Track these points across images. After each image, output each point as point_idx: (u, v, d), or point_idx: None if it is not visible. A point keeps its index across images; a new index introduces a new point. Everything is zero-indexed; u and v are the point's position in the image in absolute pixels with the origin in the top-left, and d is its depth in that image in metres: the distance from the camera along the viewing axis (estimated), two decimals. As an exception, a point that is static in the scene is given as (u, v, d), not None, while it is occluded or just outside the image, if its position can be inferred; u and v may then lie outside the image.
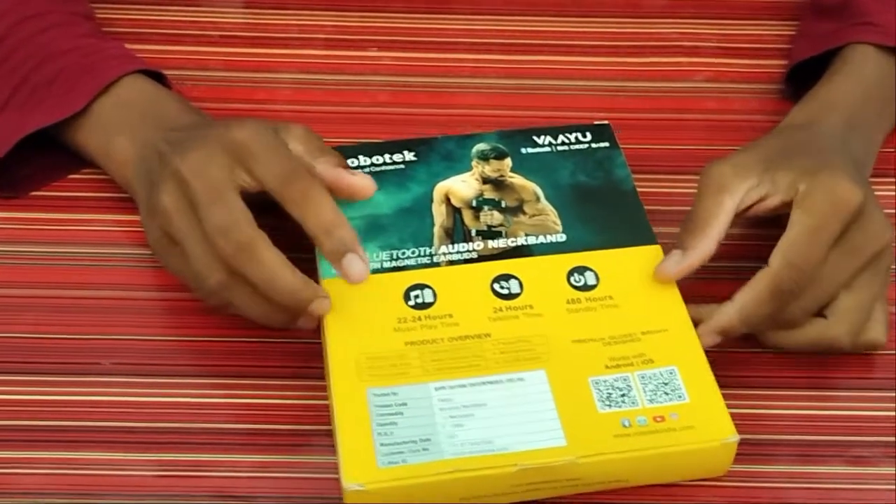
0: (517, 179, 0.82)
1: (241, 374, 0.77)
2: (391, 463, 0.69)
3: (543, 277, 0.77)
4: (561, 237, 0.79)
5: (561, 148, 0.84)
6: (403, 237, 0.79)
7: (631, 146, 0.85)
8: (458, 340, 0.75)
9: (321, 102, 0.93)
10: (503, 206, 0.81)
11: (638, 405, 0.72)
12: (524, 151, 0.83)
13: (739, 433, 0.71)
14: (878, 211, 0.78)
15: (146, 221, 0.78)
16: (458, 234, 0.80)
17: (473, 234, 0.79)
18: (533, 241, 0.79)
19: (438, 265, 0.78)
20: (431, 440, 0.70)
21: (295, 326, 0.76)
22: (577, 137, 0.84)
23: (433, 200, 0.81)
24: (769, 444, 0.75)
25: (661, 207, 0.83)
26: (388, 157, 0.83)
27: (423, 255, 0.78)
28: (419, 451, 0.70)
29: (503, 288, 0.77)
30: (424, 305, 0.76)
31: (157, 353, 0.78)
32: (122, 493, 0.72)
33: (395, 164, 0.82)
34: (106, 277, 0.81)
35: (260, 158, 0.74)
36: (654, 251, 0.79)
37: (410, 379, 0.73)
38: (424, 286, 0.77)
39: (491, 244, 0.79)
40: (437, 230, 0.80)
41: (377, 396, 0.72)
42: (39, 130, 0.83)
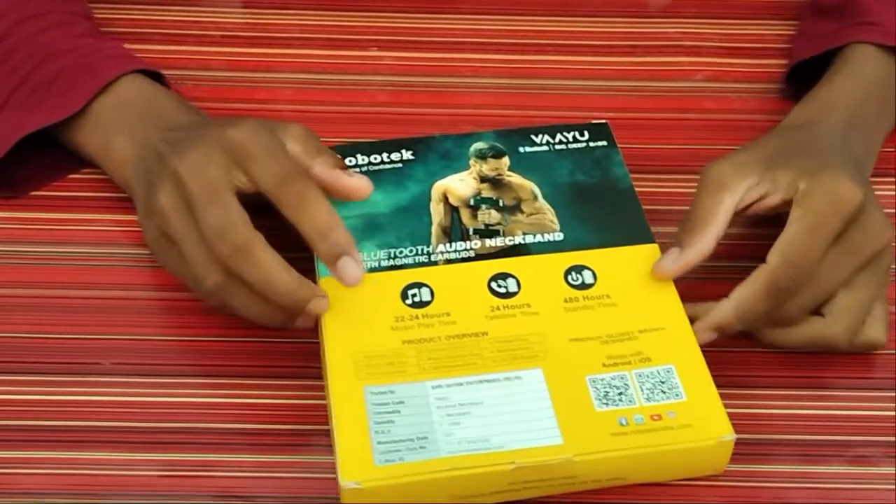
0: (515, 178, 0.82)
1: (241, 374, 0.77)
2: (388, 461, 0.69)
3: (541, 276, 0.77)
4: (558, 236, 0.79)
5: (559, 147, 0.84)
6: (401, 236, 0.79)
7: (631, 145, 0.85)
8: (455, 339, 0.75)
9: (322, 102, 0.93)
10: (501, 204, 0.81)
11: (635, 403, 0.72)
12: (522, 150, 0.83)
13: (739, 433, 0.71)
14: (878, 210, 0.78)
15: (144, 221, 0.78)
16: (455, 232, 0.79)
17: (471, 232, 0.79)
18: (530, 239, 0.79)
19: (436, 264, 0.78)
20: (428, 438, 0.70)
21: (293, 326, 0.76)
22: (574, 136, 0.84)
23: (431, 199, 0.81)
24: (769, 443, 0.75)
25: (660, 207, 0.83)
26: (385, 155, 0.83)
27: (420, 253, 0.78)
28: (416, 449, 0.70)
29: (500, 286, 0.77)
30: (422, 304, 0.76)
31: (157, 353, 0.78)
32: (122, 492, 0.72)
33: (392, 162, 0.82)
34: (106, 277, 0.81)
35: (257, 159, 0.74)
36: (651, 250, 0.78)
37: (407, 377, 0.73)
38: (422, 285, 0.77)
39: (488, 243, 0.79)
40: (434, 229, 0.79)
41: (374, 395, 0.72)
42: (39, 130, 0.83)
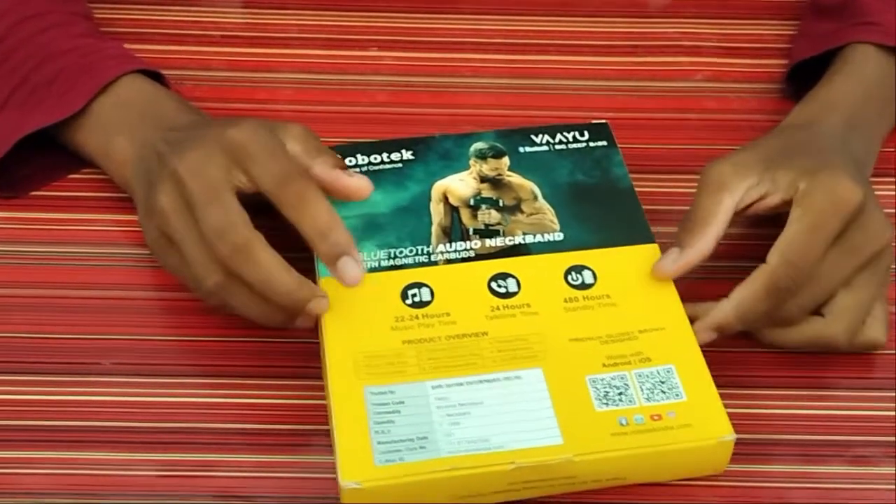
0: (515, 178, 0.82)
1: (241, 374, 0.77)
2: (388, 461, 0.69)
3: (541, 276, 0.77)
4: (558, 236, 0.79)
5: (559, 147, 0.84)
6: (401, 236, 0.79)
7: (631, 145, 0.85)
8: (455, 339, 0.75)
9: (322, 102, 0.93)
10: (501, 204, 0.81)
11: (635, 403, 0.72)
12: (522, 150, 0.83)
13: (739, 433, 0.71)
14: (878, 210, 0.78)
15: (144, 221, 0.78)
16: (455, 232, 0.79)
17: (471, 232, 0.79)
18: (530, 239, 0.79)
19: (436, 264, 0.78)
20: (428, 438, 0.70)
21: (293, 326, 0.76)
22: (574, 136, 0.84)
23: (431, 199, 0.81)
24: (769, 443, 0.75)
25: (660, 207, 0.83)
26: (385, 155, 0.83)
27: (420, 253, 0.78)
28: (416, 449, 0.70)
29: (500, 286, 0.77)
30: (422, 304, 0.76)
31: (157, 353, 0.78)
32: (122, 492, 0.72)
33: (392, 162, 0.82)
34: (106, 277, 0.81)
35: (257, 159, 0.74)
36: (651, 250, 0.78)
37: (407, 377, 0.73)
38: (422, 285, 0.77)
39: (488, 243, 0.79)
40: (434, 229, 0.79)
41: (374, 395, 0.72)
42: (39, 130, 0.83)
